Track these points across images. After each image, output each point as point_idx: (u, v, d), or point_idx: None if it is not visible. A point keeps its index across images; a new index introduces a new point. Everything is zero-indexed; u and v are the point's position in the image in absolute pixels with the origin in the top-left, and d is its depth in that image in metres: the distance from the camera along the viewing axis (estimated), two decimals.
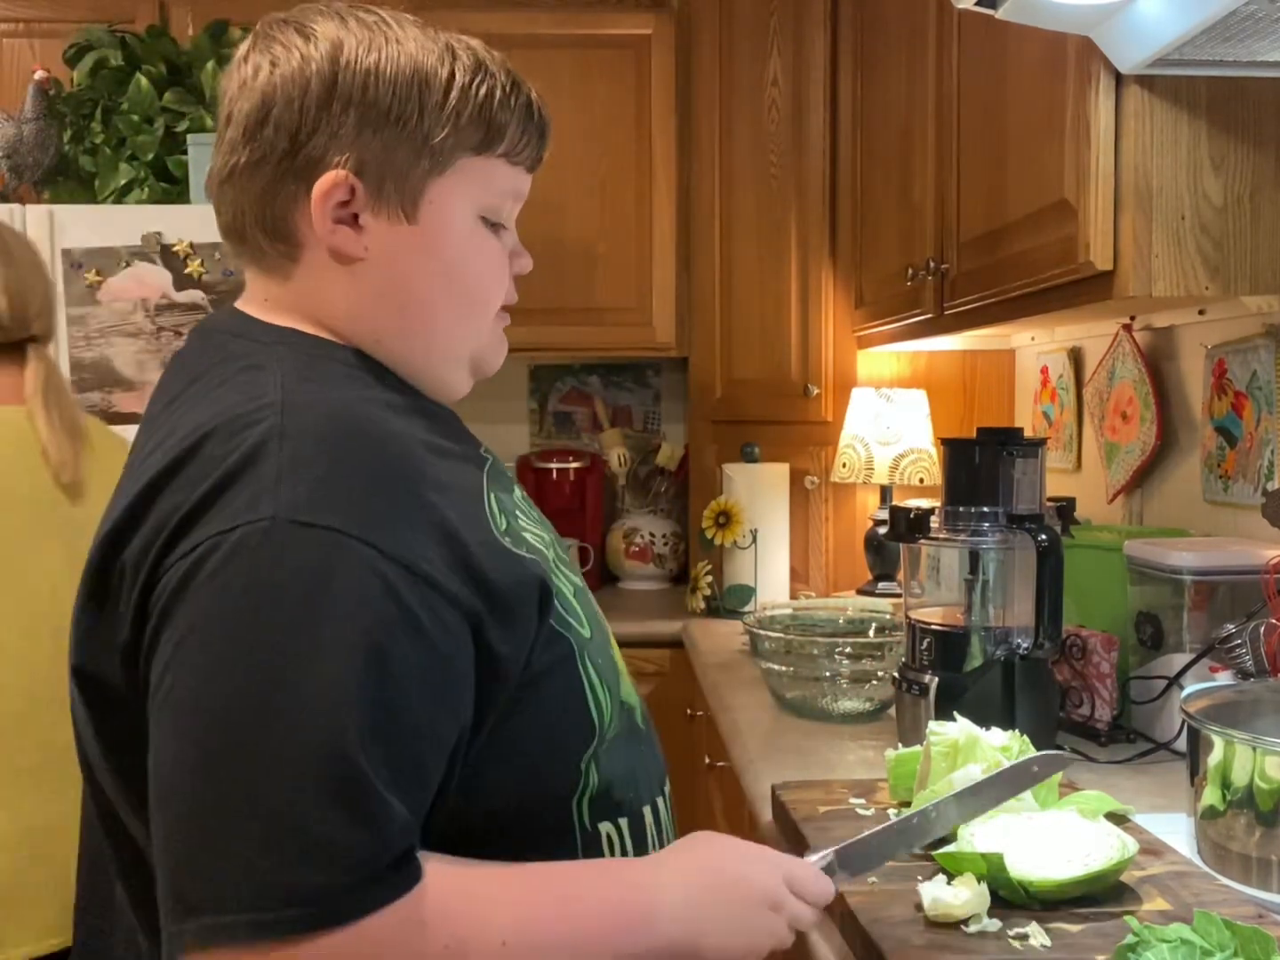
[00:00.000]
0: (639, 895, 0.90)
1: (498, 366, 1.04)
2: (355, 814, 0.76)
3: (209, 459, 0.82)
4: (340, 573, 0.78)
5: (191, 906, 0.75)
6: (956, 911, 1.06)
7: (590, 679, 0.93)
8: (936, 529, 1.64)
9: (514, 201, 1.00)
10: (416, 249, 0.94)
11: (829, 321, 2.99)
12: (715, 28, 3.00)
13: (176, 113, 2.78)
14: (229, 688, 0.77)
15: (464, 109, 0.94)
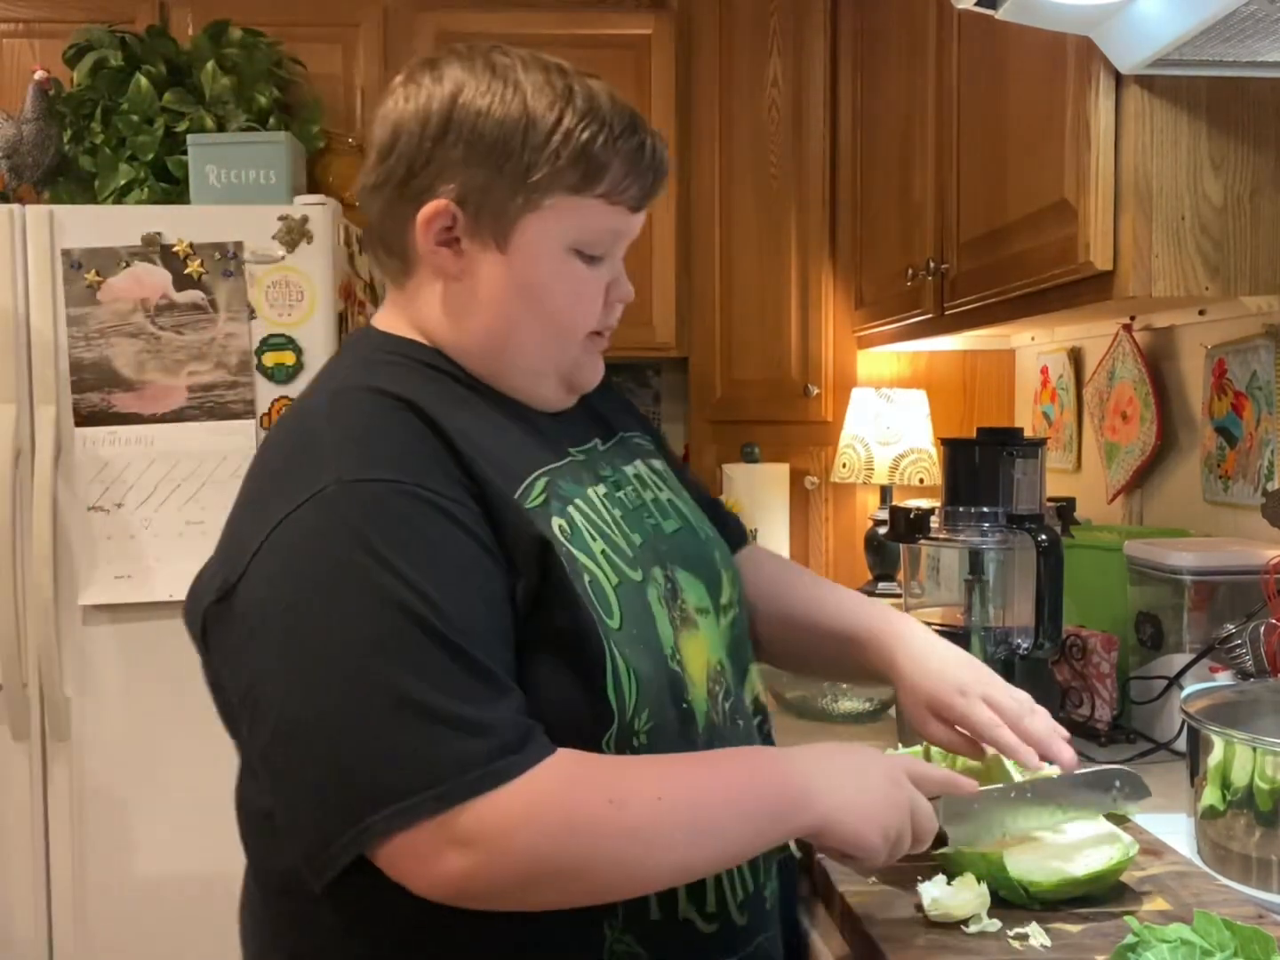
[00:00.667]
0: (781, 762, 1.00)
1: (593, 383, 1.13)
2: (488, 688, 0.89)
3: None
4: (394, 502, 0.91)
5: (370, 802, 0.85)
6: (956, 912, 1.06)
7: (615, 664, 0.97)
8: (936, 529, 1.64)
9: (613, 237, 1.07)
10: (504, 275, 1.04)
11: (829, 321, 2.99)
12: (715, 28, 3.00)
13: (176, 113, 2.78)
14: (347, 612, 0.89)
15: (564, 150, 1.01)
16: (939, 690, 1.17)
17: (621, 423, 1.22)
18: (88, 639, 2.41)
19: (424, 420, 0.96)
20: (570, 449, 1.09)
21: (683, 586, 1.09)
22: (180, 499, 2.39)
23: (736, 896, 1.04)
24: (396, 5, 3.03)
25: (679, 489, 1.21)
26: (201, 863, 2.43)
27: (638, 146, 1.04)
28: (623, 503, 1.09)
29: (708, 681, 1.07)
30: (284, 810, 0.92)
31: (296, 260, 2.40)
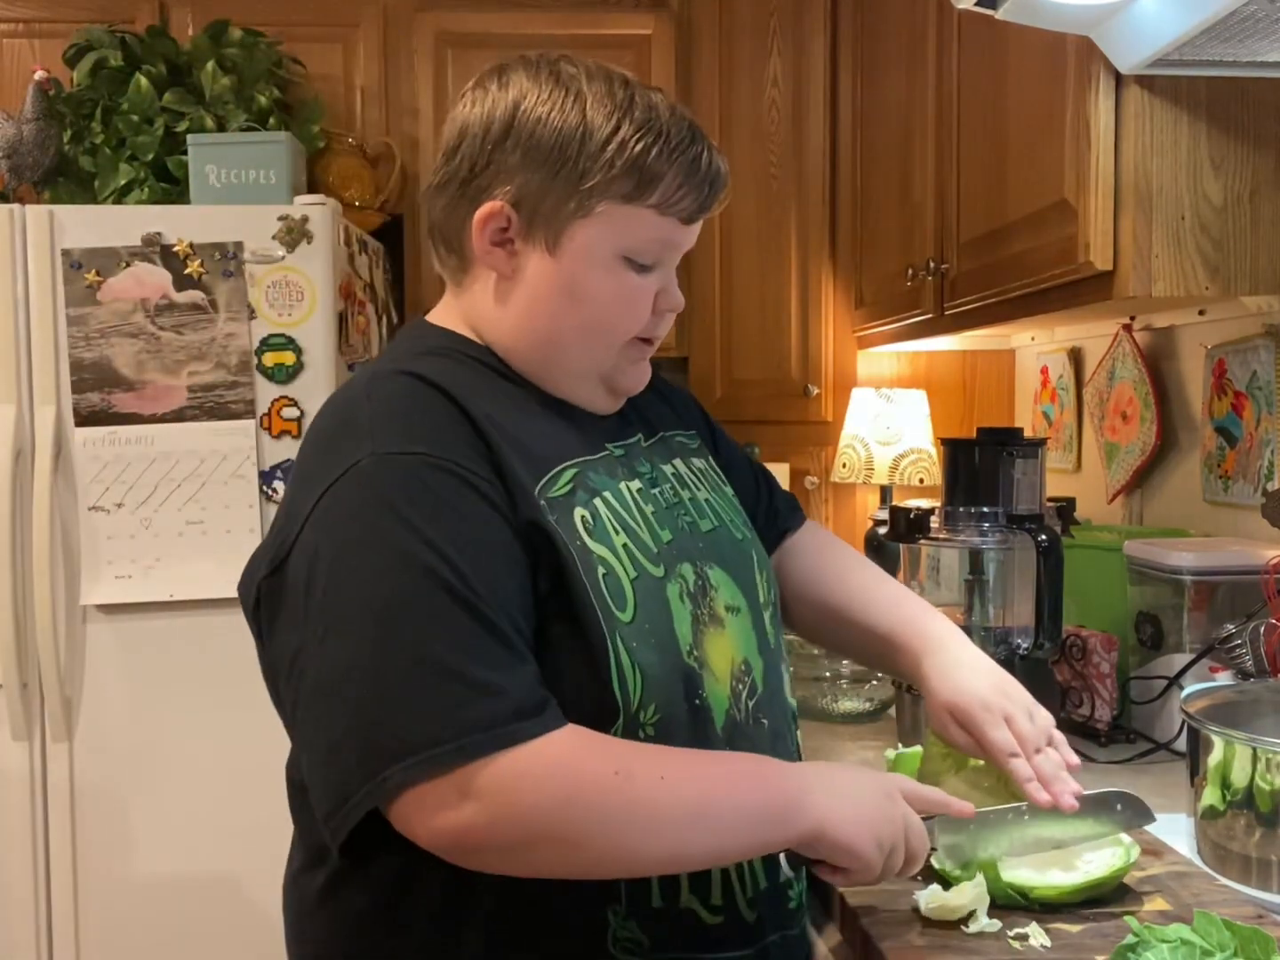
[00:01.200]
0: (783, 769, 1.02)
1: (637, 388, 1.15)
2: (508, 653, 0.93)
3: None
4: (426, 475, 0.96)
5: (387, 757, 0.88)
6: (952, 903, 1.06)
7: (618, 657, 0.99)
8: (936, 529, 1.64)
9: (663, 247, 1.09)
10: (552, 278, 1.06)
11: (829, 321, 2.99)
12: (715, 28, 3.00)
13: (176, 113, 2.78)
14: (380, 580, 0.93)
15: (618, 160, 1.03)
16: (961, 702, 1.17)
17: (666, 422, 1.24)
18: (88, 639, 2.41)
19: (455, 404, 1.00)
20: (609, 444, 1.12)
21: (714, 584, 1.11)
22: (180, 499, 2.39)
23: (746, 892, 1.05)
24: (396, 5, 3.03)
25: (719, 487, 1.23)
26: (201, 862, 2.43)
27: (693, 159, 1.06)
28: (657, 499, 1.11)
29: (731, 679, 1.08)
30: (309, 768, 0.95)
31: (296, 260, 2.40)
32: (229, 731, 2.41)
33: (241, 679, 2.42)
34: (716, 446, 1.32)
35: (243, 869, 2.42)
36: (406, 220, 2.99)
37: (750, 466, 1.38)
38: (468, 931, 0.99)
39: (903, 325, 2.51)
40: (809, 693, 1.90)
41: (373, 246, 2.78)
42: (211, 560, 2.38)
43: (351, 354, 2.54)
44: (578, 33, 3.02)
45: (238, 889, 2.43)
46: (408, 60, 3.01)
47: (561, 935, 0.99)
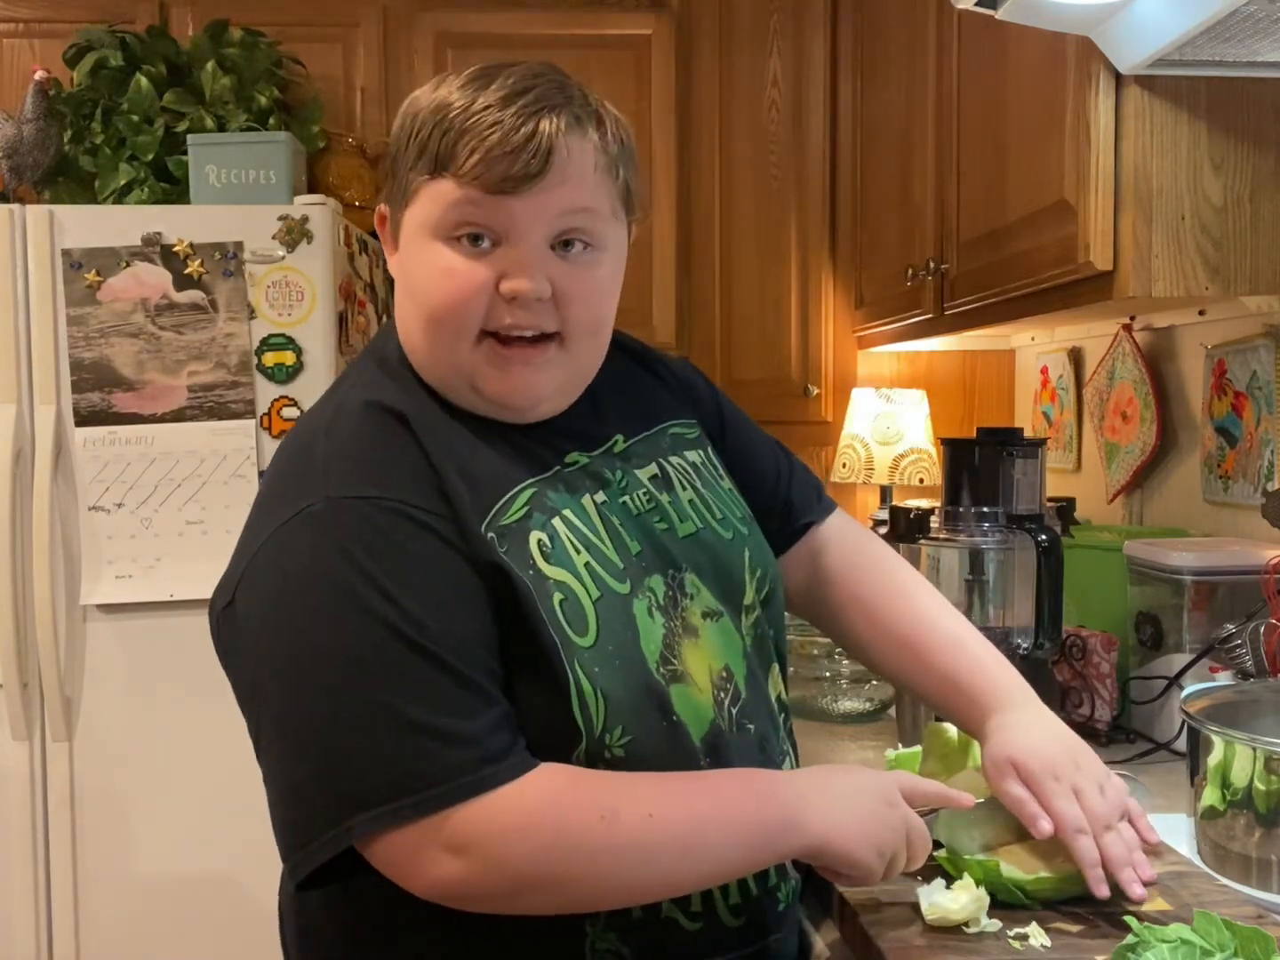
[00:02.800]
0: (777, 784, 1.01)
1: (509, 398, 1.03)
2: (471, 699, 0.92)
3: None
4: (379, 519, 0.94)
5: (350, 806, 0.89)
6: (954, 916, 1.05)
7: (579, 684, 0.96)
8: (936, 529, 1.64)
9: (482, 218, 0.98)
10: (398, 274, 1.07)
11: (829, 321, 2.99)
12: (715, 28, 3.00)
13: (176, 113, 2.78)
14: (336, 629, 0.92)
15: (423, 136, 1.00)
16: (1032, 765, 1.09)
17: (658, 412, 1.18)
18: (88, 639, 2.41)
19: (410, 434, 0.99)
20: (574, 453, 1.08)
21: (689, 592, 1.08)
22: (180, 499, 2.39)
23: (729, 899, 1.04)
24: (396, 5, 3.03)
25: (714, 482, 1.18)
26: (201, 862, 2.43)
27: (492, 124, 0.96)
28: (626, 509, 1.08)
29: (713, 689, 1.06)
30: (271, 802, 0.95)
31: (296, 260, 2.40)
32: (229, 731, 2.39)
33: None
34: (724, 430, 1.25)
35: (243, 869, 2.42)
36: None
37: (772, 452, 1.30)
38: (444, 941, 0.99)
39: (903, 325, 2.51)
40: (809, 693, 1.90)
41: (373, 246, 2.78)
42: (211, 560, 2.35)
43: (351, 354, 2.54)
44: (578, 33, 3.02)
45: (238, 889, 2.43)
46: (408, 60, 3.01)
47: (536, 947, 0.99)
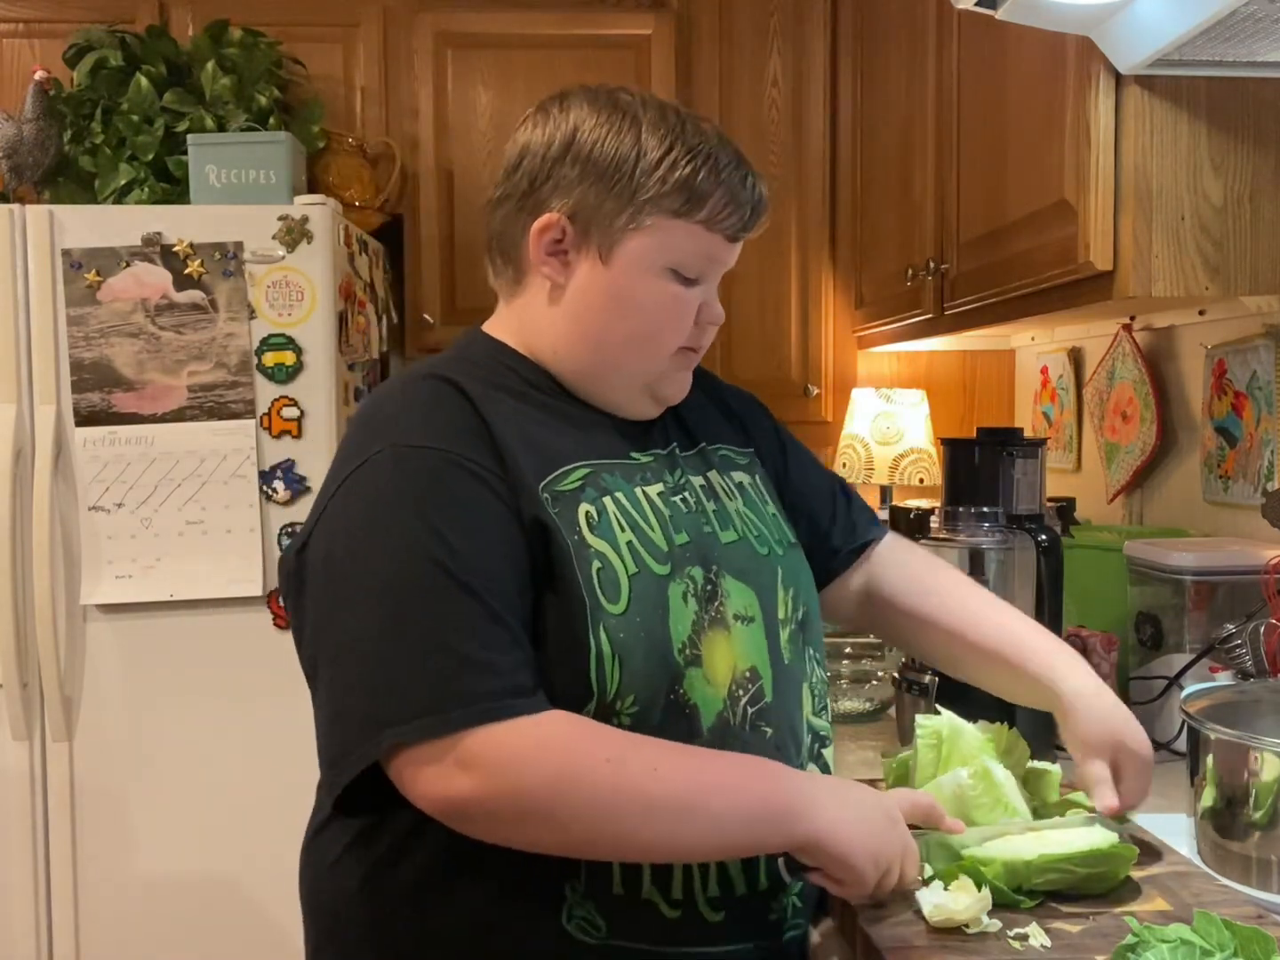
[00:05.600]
0: (789, 773, 1.07)
1: (678, 397, 1.20)
2: (503, 635, 0.99)
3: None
4: (437, 468, 1.03)
5: (384, 720, 0.97)
6: (959, 917, 1.05)
7: (599, 646, 1.03)
8: (936, 529, 1.64)
9: (708, 262, 1.16)
10: (604, 287, 1.13)
11: (829, 321, 2.99)
12: (715, 28, 3.00)
13: (176, 113, 2.78)
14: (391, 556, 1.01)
15: (670, 176, 1.10)
16: (1132, 744, 1.20)
17: (714, 435, 1.27)
18: (88, 639, 2.41)
19: (472, 406, 1.08)
20: (635, 453, 1.16)
21: (727, 591, 1.13)
22: (180, 499, 2.39)
23: (708, 891, 1.06)
24: (396, 5, 3.03)
25: (758, 504, 1.25)
26: (201, 862, 2.43)
27: (739, 181, 1.13)
28: (677, 506, 1.15)
29: (730, 683, 1.10)
30: (320, 727, 1.03)
31: (296, 260, 2.40)
32: (229, 731, 2.41)
33: (242, 678, 2.43)
34: (787, 464, 1.35)
35: (243, 868, 2.42)
36: (406, 220, 2.99)
37: (829, 483, 1.40)
38: (436, 883, 1.06)
39: (903, 325, 2.51)
40: None
41: (373, 246, 2.78)
42: (211, 560, 2.38)
43: (351, 354, 2.54)
44: (578, 33, 3.02)
45: (238, 888, 2.43)
46: (408, 60, 3.01)
47: (517, 907, 1.04)
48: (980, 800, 1.19)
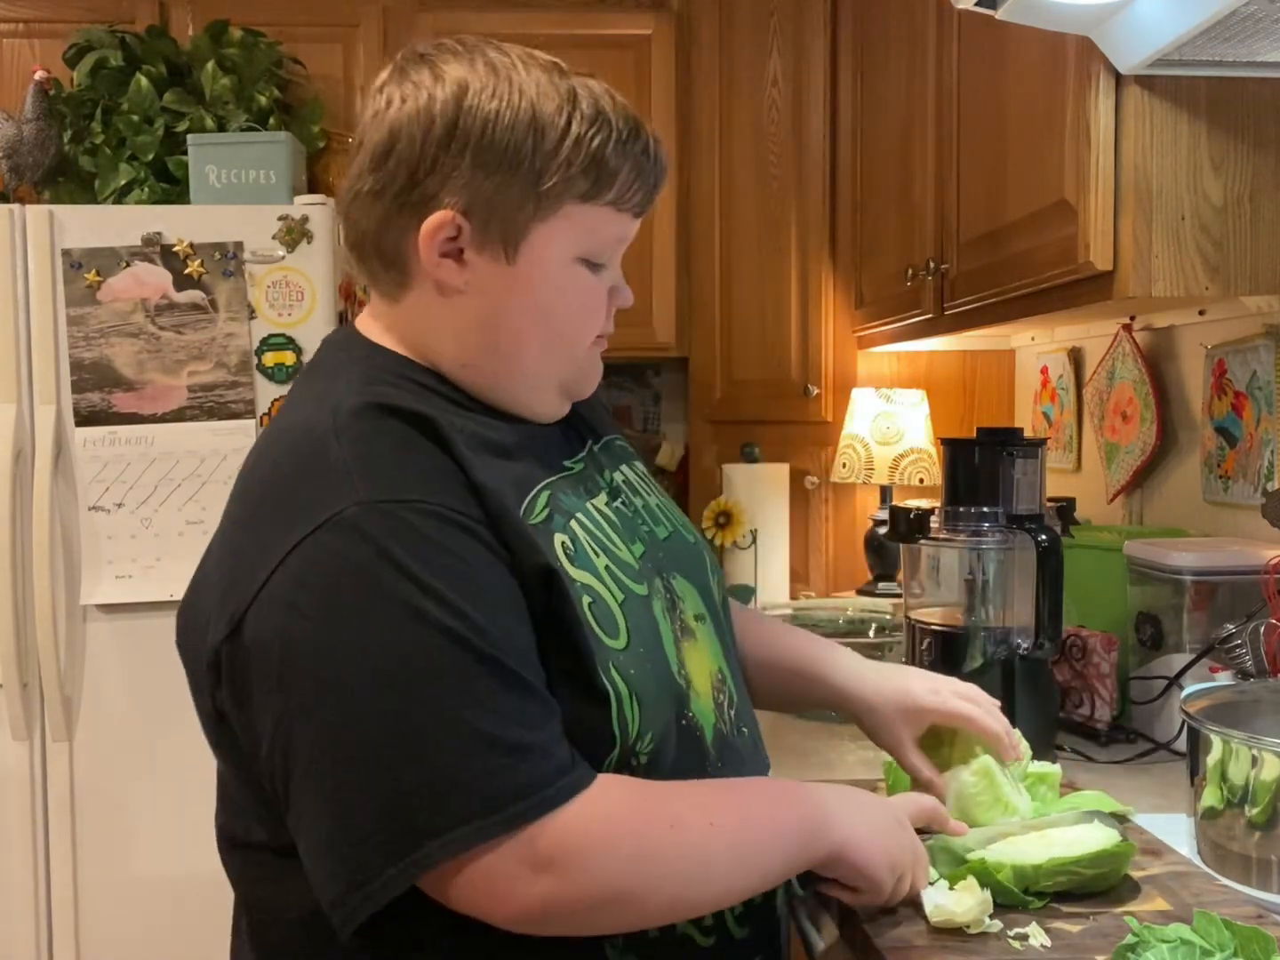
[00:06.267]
0: (804, 790, 1.02)
1: (591, 391, 1.11)
2: (539, 708, 0.88)
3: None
4: (421, 523, 0.88)
5: (421, 834, 0.83)
6: (959, 918, 1.05)
7: (616, 688, 0.94)
8: (936, 529, 1.64)
9: (618, 244, 1.04)
10: (512, 286, 0.99)
11: (829, 321, 2.99)
12: (715, 28, 3.00)
13: (176, 113, 2.78)
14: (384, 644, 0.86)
15: (575, 158, 0.97)
16: (907, 696, 1.20)
17: (603, 426, 1.19)
18: (88, 639, 2.41)
19: (437, 440, 0.93)
20: (565, 461, 1.07)
21: (680, 594, 1.08)
22: (180, 499, 2.39)
23: (735, 910, 1.03)
24: (396, 5, 3.03)
25: (661, 492, 1.19)
26: (201, 862, 2.42)
27: (643, 150, 1.00)
28: (621, 512, 1.07)
29: (713, 691, 1.06)
30: (312, 850, 0.87)
31: (296, 260, 2.40)
32: None
33: None
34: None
35: None
36: None
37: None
38: None
39: (903, 325, 2.51)
40: None
41: None
42: None
43: None
44: (578, 33, 3.02)
45: None
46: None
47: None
48: (980, 799, 1.19)
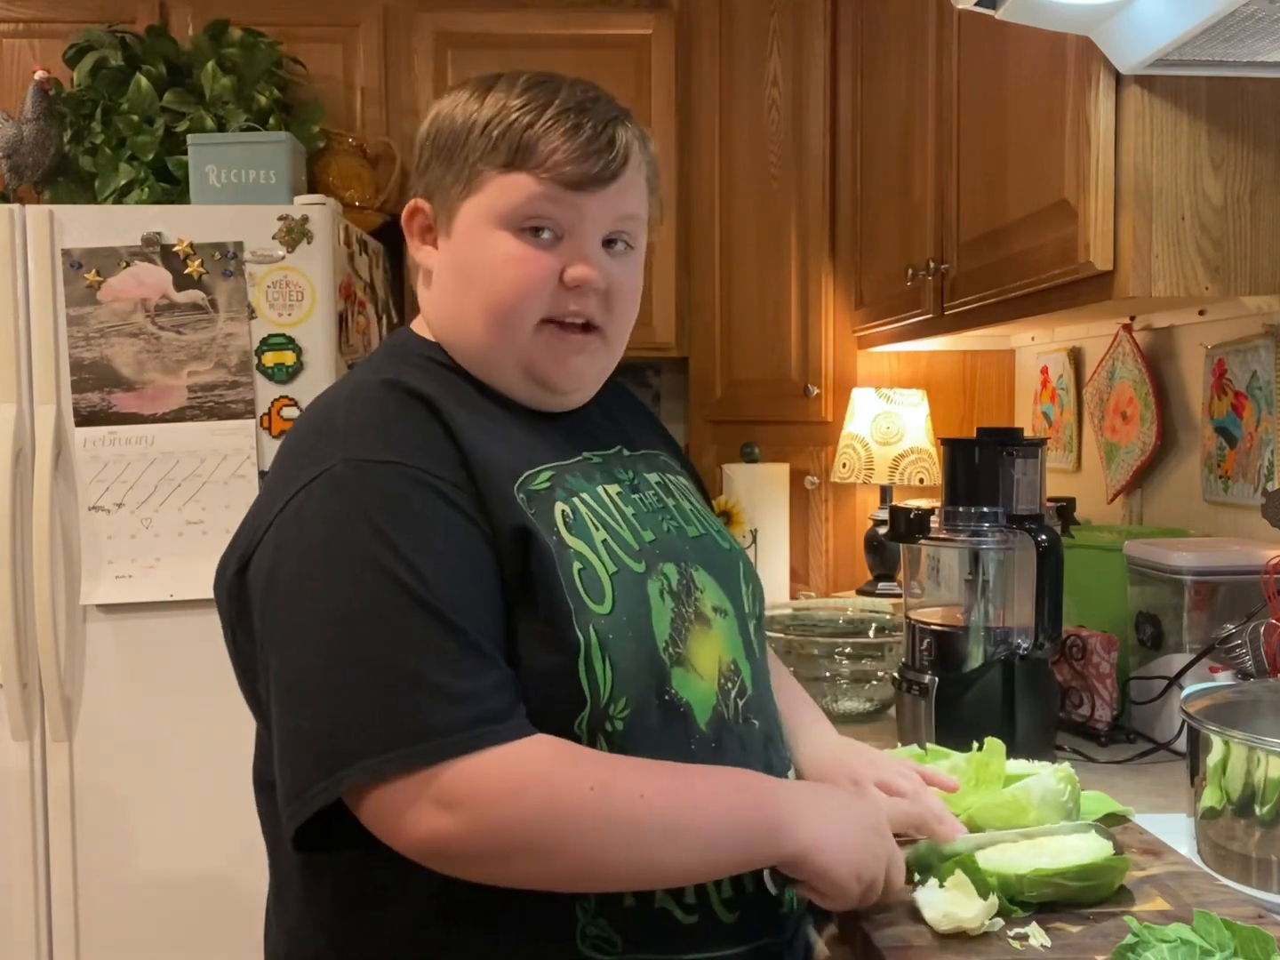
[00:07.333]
0: (774, 787, 1.04)
1: (568, 385, 1.12)
2: (474, 659, 0.94)
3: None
4: (396, 483, 0.97)
5: (344, 756, 0.90)
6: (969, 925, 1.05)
7: (589, 649, 0.99)
8: (936, 529, 1.64)
9: (557, 211, 1.05)
10: (452, 262, 1.10)
11: (829, 321, 2.99)
12: (715, 28, 3.00)
13: (176, 113, 2.78)
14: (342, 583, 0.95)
15: (494, 132, 1.05)
16: (850, 770, 1.21)
17: (648, 442, 1.25)
18: (88, 639, 2.41)
19: (432, 412, 1.02)
20: (587, 452, 1.13)
21: (700, 585, 1.11)
22: (180, 499, 2.39)
23: (721, 892, 1.04)
24: (396, 5, 3.03)
25: (704, 505, 1.25)
26: (201, 862, 2.43)
27: (574, 125, 1.05)
28: (638, 503, 1.13)
29: (719, 677, 1.09)
30: (276, 759, 0.96)
31: (296, 260, 2.40)
32: (229, 731, 2.40)
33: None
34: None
35: (242, 868, 2.42)
36: None
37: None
38: (434, 927, 0.99)
39: (903, 325, 2.51)
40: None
41: (373, 246, 2.78)
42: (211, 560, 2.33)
43: (351, 354, 2.54)
44: (578, 33, 3.02)
45: (237, 888, 2.43)
46: (408, 60, 3.01)
47: (526, 930, 0.99)
48: (1063, 801, 1.21)
